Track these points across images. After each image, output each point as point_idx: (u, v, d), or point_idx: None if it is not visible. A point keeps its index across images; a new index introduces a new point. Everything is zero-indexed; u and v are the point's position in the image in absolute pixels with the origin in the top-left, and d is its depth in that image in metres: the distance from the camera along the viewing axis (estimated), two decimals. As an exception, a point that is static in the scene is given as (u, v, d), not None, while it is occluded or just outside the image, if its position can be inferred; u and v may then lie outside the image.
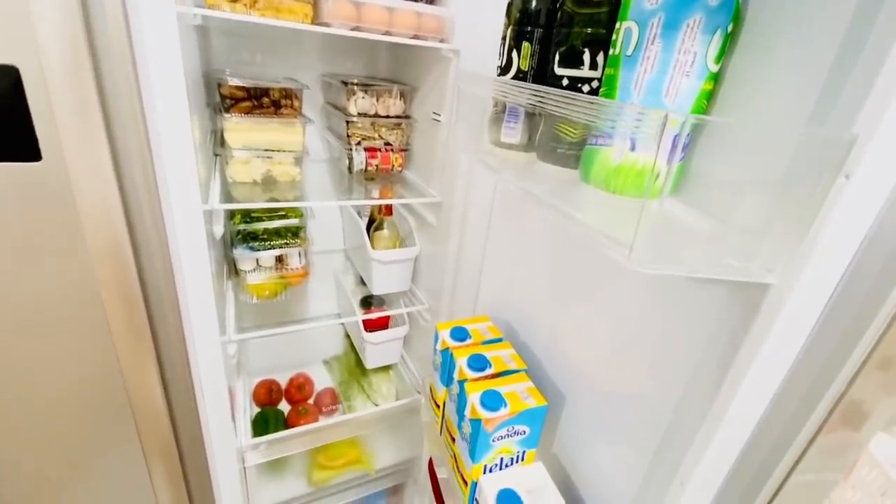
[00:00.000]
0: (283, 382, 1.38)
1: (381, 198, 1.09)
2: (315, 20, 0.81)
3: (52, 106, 0.45)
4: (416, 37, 0.86)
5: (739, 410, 0.36)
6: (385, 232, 1.16)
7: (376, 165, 1.10)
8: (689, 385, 0.45)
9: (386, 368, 1.34)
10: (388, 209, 1.15)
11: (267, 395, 1.32)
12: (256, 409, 1.28)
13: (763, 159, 0.33)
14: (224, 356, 0.85)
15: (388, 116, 1.06)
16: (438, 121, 0.99)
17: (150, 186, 0.60)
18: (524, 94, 0.46)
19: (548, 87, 0.43)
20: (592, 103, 0.36)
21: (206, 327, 0.77)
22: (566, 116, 0.39)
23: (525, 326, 0.79)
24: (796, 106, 0.35)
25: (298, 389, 1.35)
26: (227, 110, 0.90)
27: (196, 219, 0.70)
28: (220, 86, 0.91)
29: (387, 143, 1.10)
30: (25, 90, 0.43)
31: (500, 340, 0.75)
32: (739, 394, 0.34)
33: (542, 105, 0.43)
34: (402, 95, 1.06)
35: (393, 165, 1.13)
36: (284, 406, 1.34)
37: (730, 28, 0.38)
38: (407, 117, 1.09)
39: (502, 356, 0.69)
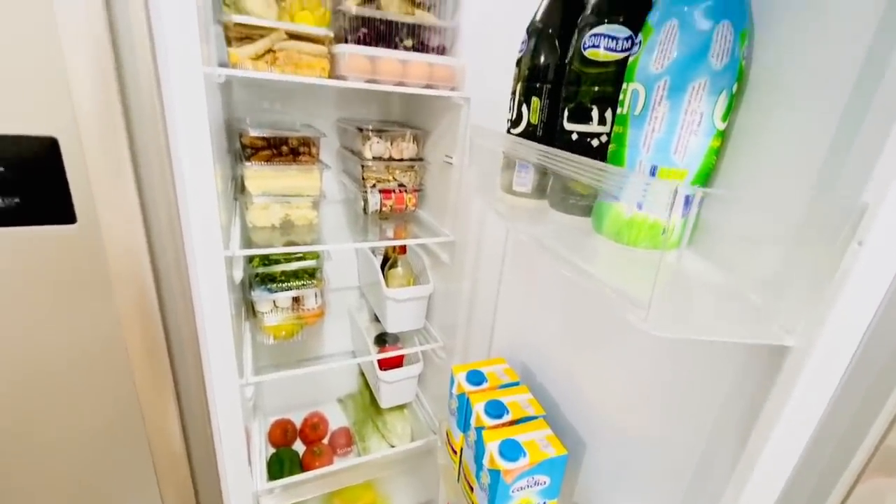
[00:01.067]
0: (298, 422, 1.37)
1: (395, 237, 1.11)
2: (332, 73, 0.85)
3: (87, 172, 0.48)
4: (428, 86, 0.90)
5: (766, 469, 0.35)
6: (399, 270, 1.18)
7: (390, 206, 1.13)
8: (712, 438, 0.44)
9: (401, 407, 1.32)
10: (403, 248, 1.16)
11: (282, 436, 1.31)
12: (272, 450, 1.27)
13: (776, 219, 0.33)
14: (241, 399, 0.86)
15: (401, 159, 1.09)
16: (451, 163, 1.01)
17: (176, 238, 0.62)
18: (533, 153, 0.48)
19: (556, 150, 0.45)
20: (600, 169, 0.37)
21: (224, 373, 0.78)
22: (573, 178, 0.40)
23: (542, 368, 0.78)
24: (806, 161, 0.36)
25: (313, 429, 1.33)
26: (248, 158, 0.94)
27: (217, 266, 0.72)
28: (241, 136, 0.95)
29: (401, 185, 1.13)
30: (63, 159, 0.47)
31: (517, 384, 0.74)
32: (766, 452, 0.33)
33: (550, 165, 0.44)
34: (415, 139, 1.10)
35: (407, 205, 1.15)
36: (299, 446, 1.32)
37: (735, 88, 0.39)
38: (420, 160, 1.12)
39: (520, 401, 0.68)
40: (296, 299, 1.08)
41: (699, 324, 0.32)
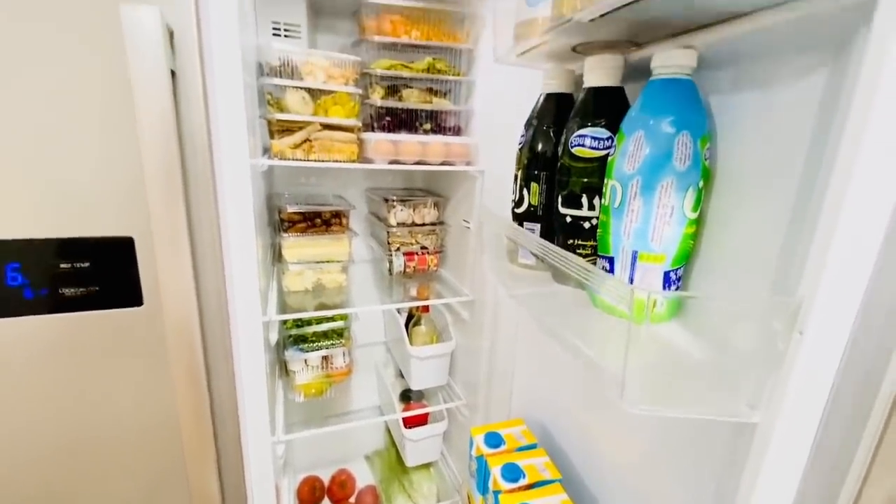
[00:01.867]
0: (326, 479, 1.39)
1: (418, 296, 1.17)
2: (360, 156, 0.96)
3: (155, 261, 0.58)
4: (445, 162, 1.00)
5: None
6: (422, 328, 1.23)
7: (414, 267, 1.20)
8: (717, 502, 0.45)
9: (426, 466, 1.32)
10: (426, 306, 1.22)
11: (310, 494, 1.33)
12: (299, 509, 1.29)
13: (741, 303, 0.37)
14: (273, 458, 0.91)
15: (423, 224, 1.18)
16: (468, 227, 1.09)
17: (223, 309, 0.70)
18: (534, 244, 0.54)
19: (552, 245, 0.50)
20: (585, 269, 0.42)
21: (258, 432, 0.83)
22: (565, 271, 0.46)
23: (560, 430, 0.80)
24: (769, 248, 0.40)
25: (340, 487, 1.35)
26: (286, 231, 1.04)
27: (256, 331, 0.80)
28: (280, 211, 1.07)
29: (423, 247, 1.20)
30: (137, 253, 0.56)
31: (534, 447, 0.76)
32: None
33: (546, 257, 0.50)
34: (435, 205, 1.18)
35: (429, 266, 1.22)
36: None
37: (701, 184, 0.44)
38: (441, 223, 1.20)
39: (536, 465, 0.70)
40: (325, 358, 1.14)
41: (673, 401, 0.35)
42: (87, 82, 0.54)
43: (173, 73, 0.54)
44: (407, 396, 1.31)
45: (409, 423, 1.22)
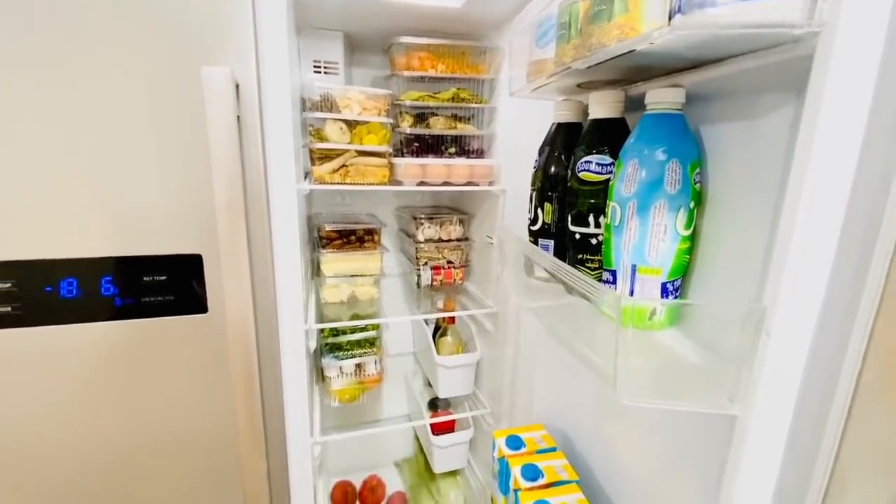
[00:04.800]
0: (358, 484, 1.46)
1: (445, 308, 1.24)
2: (391, 179, 1.05)
3: (221, 274, 0.67)
4: (469, 183, 1.07)
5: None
6: (449, 339, 1.29)
7: (440, 281, 1.27)
8: None
9: (453, 474, 1.37)
10: (452, 318, 1.29)
11: (343, 498, 1.40)
12: (333, 511, 1.35)
13: (727, 311, 0.42)
14: (311, 457, 0.98)
15: (449, 240, 1.25)
16: (492, 243, 1.15)
17: (272, 318, 0.80)
18: (547, 261, 0.60)
19: (562, 263, 0.57)
20: (589, 284, 0.48)
21: (299, 431, 0.92)
22: (573, 287, 0.52)
23: (579, 435, 0.84)
24: (756, 254, 0.45)
25: (371, 492, 1.41)
26: (324, 247, 1.14)
27: (299, 337, 0.89)
28: (319, 229, 1.17)
29: (449, 261, 1.28)
30: (204, 267, 0.66)
31: (553, 450, 0.80)
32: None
33: (557, 273, 0.56)
34: (461, 222, 1.26)
35: (455, 279, 1.29)
36: (358, 508, 1.40)
37: (692, 205, 0.49)
38: (466, 239, 1.27)
39: (555, 466, 0.75)
40: (358, 365, 1.22)
41: (662, 395, 0.40)
42: (169, 128, 0.65)
43: (238, 119, 0.64)
44: (435, 405, 1.37)
45: (437, 429, 1.28)
